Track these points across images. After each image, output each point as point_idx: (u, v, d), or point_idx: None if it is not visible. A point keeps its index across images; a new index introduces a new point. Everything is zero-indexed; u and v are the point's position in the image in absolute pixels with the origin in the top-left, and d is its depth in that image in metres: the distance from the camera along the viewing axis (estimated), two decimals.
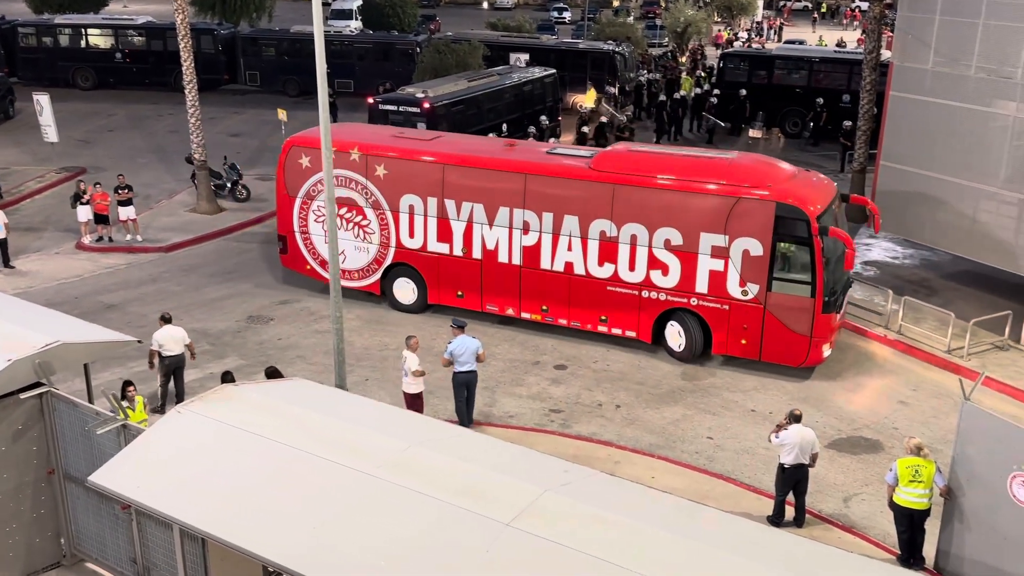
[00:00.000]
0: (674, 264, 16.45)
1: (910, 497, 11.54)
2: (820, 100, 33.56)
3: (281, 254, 20.42)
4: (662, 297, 16.76)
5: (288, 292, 20.58)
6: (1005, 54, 18.55)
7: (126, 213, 23.15)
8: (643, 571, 7.38)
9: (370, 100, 28.08)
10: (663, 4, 66.43)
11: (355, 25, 52.22)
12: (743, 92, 35.27)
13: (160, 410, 14.53)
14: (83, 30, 42.35)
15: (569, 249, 17.22)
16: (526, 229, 17.48)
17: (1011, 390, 16.33)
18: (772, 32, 66.89)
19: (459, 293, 18.53)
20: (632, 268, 16.83)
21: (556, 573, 7.46)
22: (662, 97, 35.48)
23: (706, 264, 16.21)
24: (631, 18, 62.79)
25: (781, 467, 12.63)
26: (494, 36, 43.57)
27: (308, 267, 19.89)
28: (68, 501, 11.50)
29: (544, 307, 17.80)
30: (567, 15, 72.47)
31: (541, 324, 18.08)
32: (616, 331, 17.46)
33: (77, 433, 11.00)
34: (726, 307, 16.29)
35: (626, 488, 9.35)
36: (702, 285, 16.33)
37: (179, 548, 8.94)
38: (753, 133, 34.55)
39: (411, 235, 18.51)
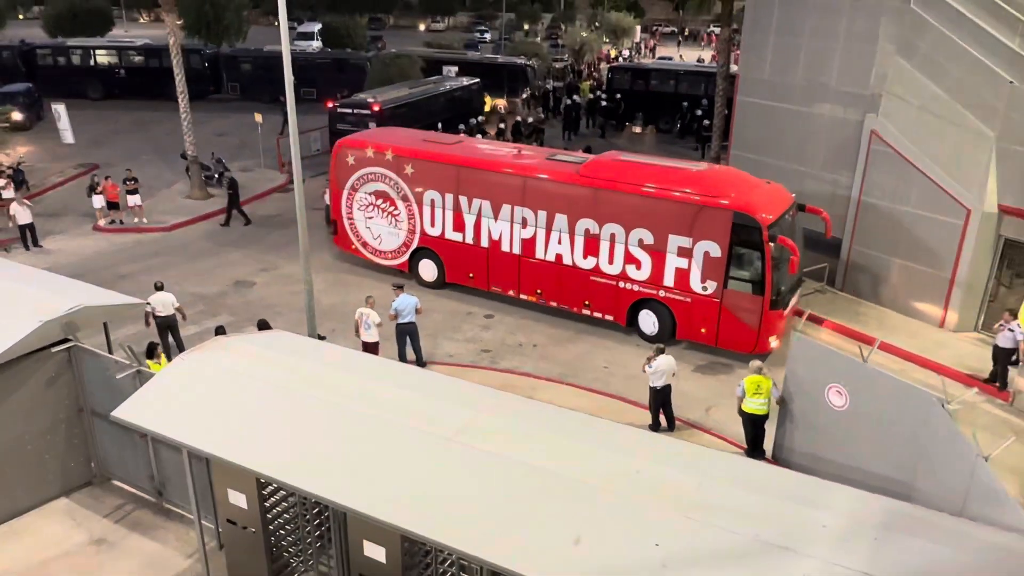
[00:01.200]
0: (646, 260, 15.65)
1: (754, 406, 11.97)
2: (685, 103, 33.97)
3: (333, 236, 19.74)
4: (635, 288, 15.92)
5: (267, 261, 20.18)
6: (821, 67, 18.99)
7: (133, 200, 22.49)
8: (549, 467, 7.58)
9: (330, 104, 27.44)
10: (563, 27, 65.99)
11: (316, 44, 50.74)
12: (618, 96, 35.58)
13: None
14: (92, 50, 40.50)
15: (559, 243, 16.47)
16: (524, 224, 16.76)
17: (830, 324, 16.99)
18: (647, 50, 67.18)
19: (470, 275, 17.91)
20: (611, 262, 16.05)
21: (489, 473, 7.61)
22: (566, 101, 35.57)
23: (673, 262, 15.36)
24: (538, 38, 62.36)
25: (653, 389, 12.97)
26: (429, 52, 42.86)
27: (353, 247, 19.38)
28: (95, 433, 11.29)
29: (538, 291, 17.08)
30: (487, 35, 71.58)
31: (471, 288, 18.03)
32: (597, 315, 16.60)
33: (100, 378, 10.82)
34: (689, 300, 15.37)
35: (539, 408, 9.50)
36: (669, 280, 15.48)
37: (188, 467, 8.83)
38: (635, 129, 34.93)
39: (432, 224, 17.95)
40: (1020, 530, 7.13)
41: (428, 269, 18.50)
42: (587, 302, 16.56)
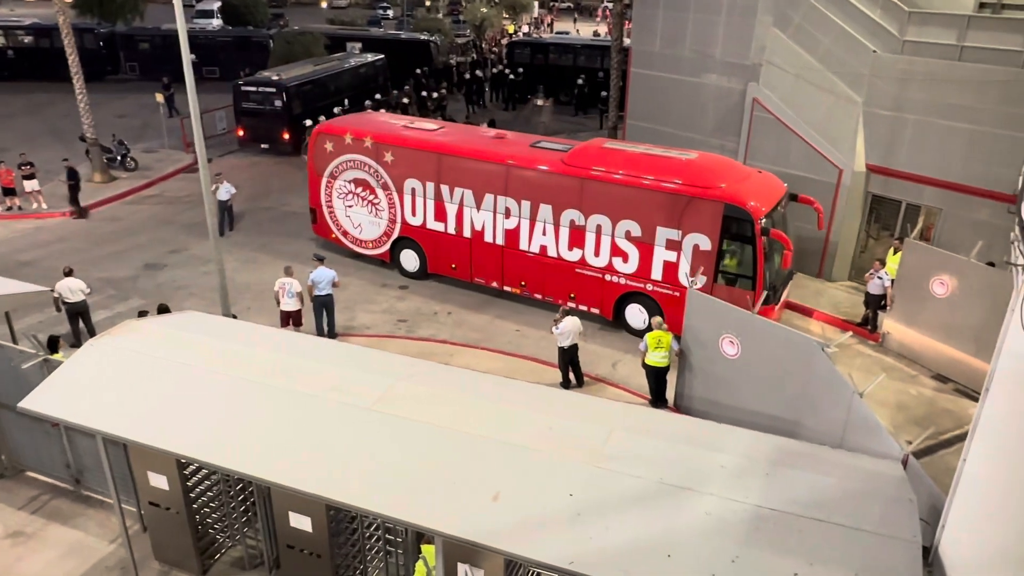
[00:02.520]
0: (633, 253, 14.48)
1: (656, 359, 12.29)
2: (583, 76, 34.11)
3: (312, 224, 18.52)
4: (622, 282, 14.82)
5: (178, 243, 19.24)
6: (707, 39, 19.36)
7: (30, 186, 20.80)
8: (467, 429, 7.58)
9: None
10: (463, 3, 64.93)
11: (216, 23, 48.17)
12: (520, 71, 35.38)
13: (76, 346, 13.41)
14: None
15: (544, 234, 15.30)
16: (507, 214, 15.56)
17: None
18: (546, 25, 66.95)
19: (452, 266, 16.78)
20: (597, 254, 14.89)
21: (409, 438, 7.54)
22: (467, 75, 35.18)
23: (661, 255, 14.21)
24: (440, 14, 61.14)
25: (561, 349, 13.14)
26: (333, 29, 41.42)
27: (333, 235, 18.21)
28: (3, 425, 10.58)
29: (522, 283, 15.96)
30: (390, 12, 69.75)
31: (385, 261, 17.72)
32: (583, 307, 15.31)
33: (5, 369, 10.06)
34: (678, 294, 13.97)
35: (456, 373, 9.47)
36: (657, 273, 14.35)
37: (103, 453, 8.39)
38: (538, 102, 34.86)
39: (413, 214, 16.78)
40: (891, 456, 7.62)
41: (410, 259, 17.43)
42: (572, 295, 15.44)
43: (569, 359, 13.16)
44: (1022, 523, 5.36)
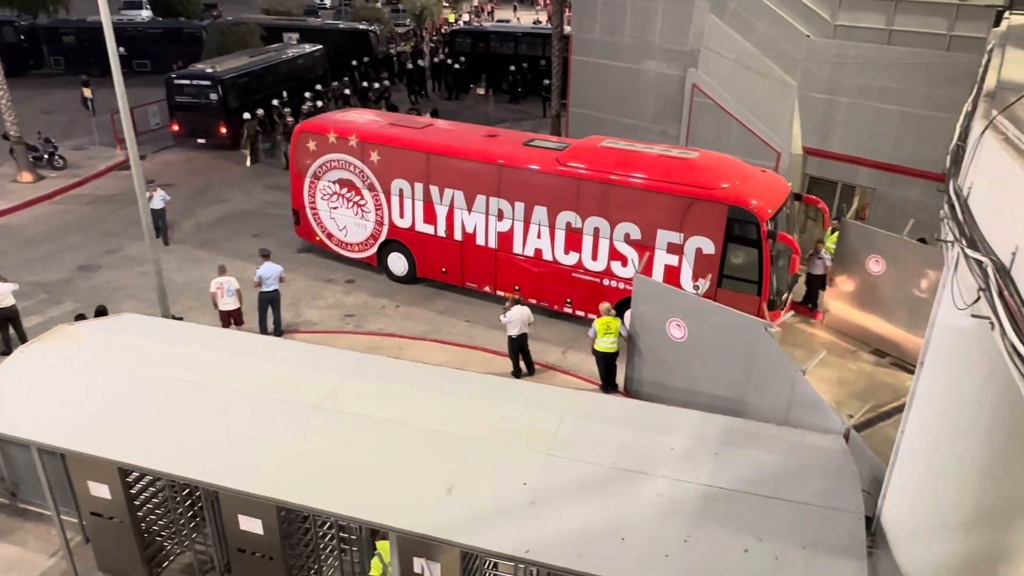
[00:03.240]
0: (633, 257, 13.66)
1: (605, 345, 12.37)
2: (525, 64, 34.10)
3: (296, 226, 17.60)
4: (621, 286, 13.91)
5: (112, 243, 18.57)
6: (646, 26, 19.54)
7: None
8: (418, 423, 7.52)
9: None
10: None
11: (146, 14, 46.50)
12: (462, 60, 35.09)
13: (6, 354, 12.86)
14: None
15: (539, 237, 14.49)
16: (500, 216, 14.72)
17: None
18: (486, 14, 66.65)
19: (443, 270, 15.97)
20: (595, 258, 14.10)
21: (360, 435, 7.45)
22: (409, 65, 34.80)
23: (662, 259, 13.42)
24: (379, 2, 60.26)
25: (510, 338, 13.14)
26: (269, 19, 40.39)
27: (317, 238, 17.32)
28: None
29: (516, 287, 14.92)
30: (327, 1, 68.41)
31: (328, 253, 17.41)
32: (580, 313, 14.67)
33: None
34: None
35: (405, 366, 9.40)
36: (657, 278, 13.40)
37: (39, 464, 8.07)
38: (479, 91, 34.74)
39: (401, 216, 15.90)
40: (834, 430, 7.84)
41: (398, 263, 16.58)
42: (569, 300, 14.76)
43: (519, 348, 13.18)
44: (957, 489, 5.57)
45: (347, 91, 29.92)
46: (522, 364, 13.36)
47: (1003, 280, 3.89)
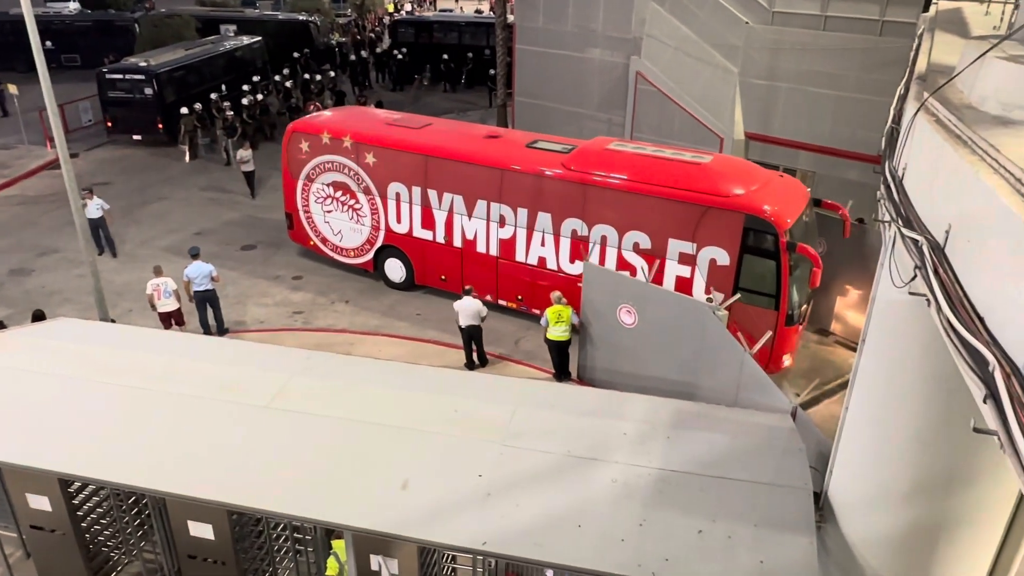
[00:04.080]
0: (642, 267, 12.67)
1: (557, 333, 12.41)
2: (469, 54, 33.89)
3: (288, 229, 16.89)
4: None
5: (45, 245, 17.85)
6: (588, 14, 19.58)
7: None
8: (370, 419, 7.44)
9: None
10: None
11: (74, 6, 44.71)
12: (404, 50, 34.67)
13: None
14: None
15: (542, 244, 13.71)
16: (502, 222, 13.97)
17: None
18: (428, 4, 65.94)
19: (442, 277, 15.26)
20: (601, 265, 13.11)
21: (310, 434, 7.32)
22: (352, 56, 34.27)
23: (673, 269, 12.56)
24: None
25: (461, 329, 13.13)
26: (204, 11, 39.28)
27: (311, 243, 16.63)
28: None
29: (519, 296, 14.54)
30: None
31: (275, 249, 17.05)
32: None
33: None
34: None
35: (355, 362, 9.28)
36: (669, 289, 12.45)
37: None
38: (423, 82, 34.43)
39: (398, 220, 15.17)
40: (781, 409, 8.01)
41: (395, 269, 15.90)
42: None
43: (469, 338, 13.14)
44: (899, 462, 5.75)
45: (288, 84, 29.34)
46: (476, 355, 13.33)
47: (937, 258, 4.00)
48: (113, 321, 12.82)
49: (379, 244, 15.83)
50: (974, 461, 5.36)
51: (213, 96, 25.26)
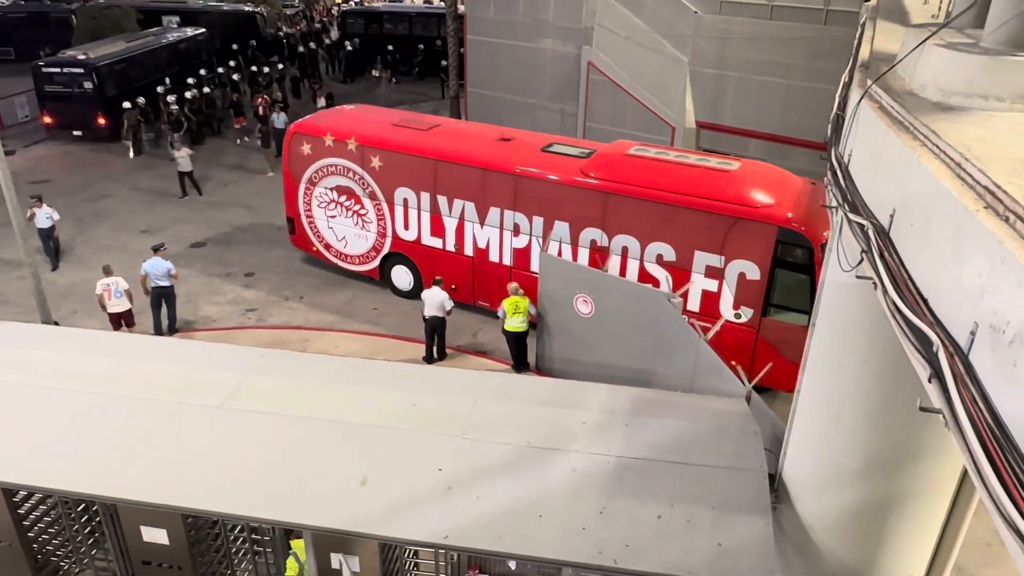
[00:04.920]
0: (666, 280, 12.14)
1: (514, 324, 12.43)
2: (420, 45, 33.60)
3: (290, 235, 16.23)
4: None
5: None
6: (539, 4, 19.56)
7: None
8: (327, 416, 7.35)
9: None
10: None
11: None
12: (356, 41, 34.26)
13: None
14: None
15: (559, 255, 12.83)
16: (516, 231, 13.32)
17: None
18: None
19: (452, 287, 14.22)
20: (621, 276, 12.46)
21: (266, 433, 7.20)
22: (300, 48, 33.69)
23: (700, 283, 11.92)
24: None
25: (424, 319, 13.07)
26: (144, 2, 38.15)
27: (314, 248, 16.02)
28: None
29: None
30: None
31: (228, 245, 16.69)
32: None
33: None
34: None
35: (312, 359, 9.15)
36: (694, 304, 12.01)
37: None
38: (375, 73, 34.02)
39: (406, 227, 14.56)
40: (736, 394, 8.15)
41: (402, 277, 15.29)
42: None
43: (432, 330, 13.08)
44: (850, 442, 5.89)
45: (236, 76, 28.71)
46: (435, 349, 13.27)
47: (883, 242, 4.09)
48: (57, 324, 12.43)
49: (385, 251, 15.18)
50: (921, 439, 5.52)
51: (159, 90, 24.60)
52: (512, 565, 7.39)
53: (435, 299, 12.82)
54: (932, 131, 3.80)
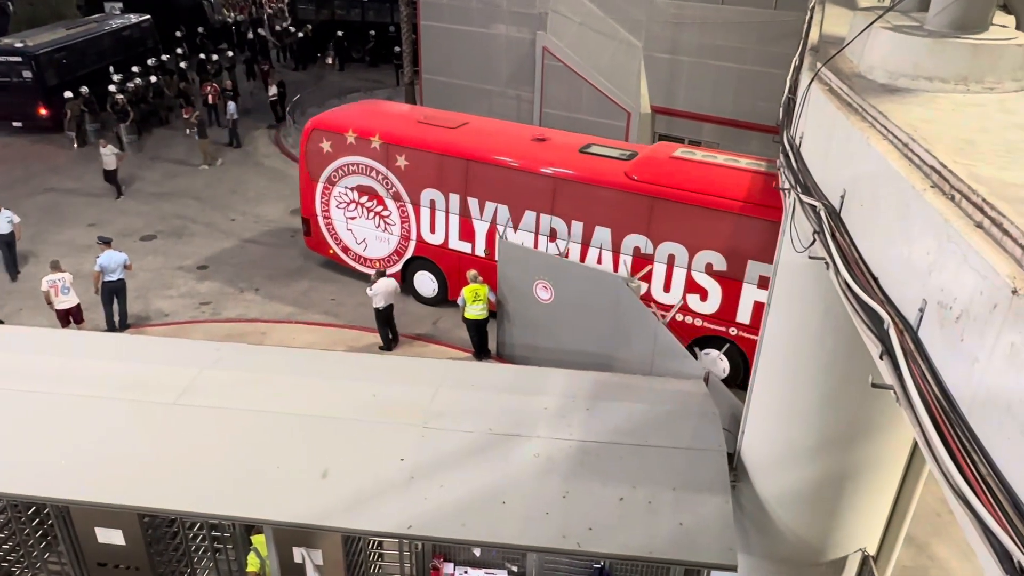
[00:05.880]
0: (715, 290, 11.62)
1: (474, 312, 12.42)
2: (372, 32, 33.09)
3: (305, 236, 15.48)
4: (698, 323, 11.94)
5: None
6: None
7: None
8: (285, 409, 7.25)
9: None
10: None
11: None
12: (308, 27, 33.64)
13: None
14: None
15: (599, 263, 12.32)
16: (553, 236, 12.68)
17: None
18: None
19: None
20: (667, 290, 12.00)
21: (223, 429, 7.07)
22: (250, 35, 32.93)
23: (751, 294, 11.28)
24: None
25: (376, 311, 12.96)
26: None
27: (331, 251, 15.29)
28: None
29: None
30: None
31: (180, 237, 16.29)
32: None
33: None
34: None
35: (269, 352, 8.98)
36: (745, 316, 11.47)
37: None
38: (328, 60, 33.44)
39: (432, 231, 13.89)
40: (695, 375, 8.25)
41: (426, 283, 14.55)
42: None
43: (385, 320, 12.99)
44: (805, 419, 6.02)
45: (183, 64, 27.96)
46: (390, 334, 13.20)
47: (834, 223, 4.16)
48: (2, 322, 12.01)
49: (409, 255, 14.45)
50: (873, 414, 5.66)
51: (116, 79, 23.79)
52: (477, 552, 7.40)
53: (388, 288, 12.74)
54: (880, 112, 3.86)
